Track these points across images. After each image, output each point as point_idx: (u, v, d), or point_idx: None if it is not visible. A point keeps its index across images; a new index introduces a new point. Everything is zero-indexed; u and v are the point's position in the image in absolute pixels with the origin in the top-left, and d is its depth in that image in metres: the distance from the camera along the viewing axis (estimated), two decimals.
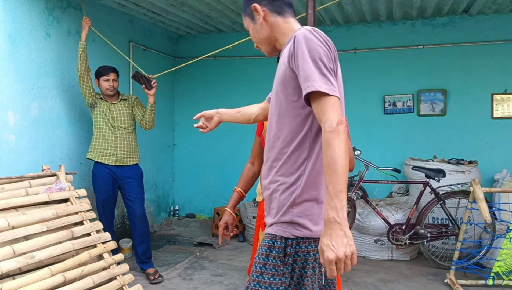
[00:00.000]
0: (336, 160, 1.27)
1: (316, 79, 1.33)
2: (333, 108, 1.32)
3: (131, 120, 3.94)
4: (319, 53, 1.37)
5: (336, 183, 1.27)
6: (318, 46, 1.39)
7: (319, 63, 1.36)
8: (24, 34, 3.53)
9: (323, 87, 1.32)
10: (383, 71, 5.48)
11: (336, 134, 1.29)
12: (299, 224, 1.43)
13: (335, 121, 1.30)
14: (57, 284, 2.55)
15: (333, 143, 1.29)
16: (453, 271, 3.75)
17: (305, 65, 1.36)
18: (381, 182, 4.49)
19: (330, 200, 1.26)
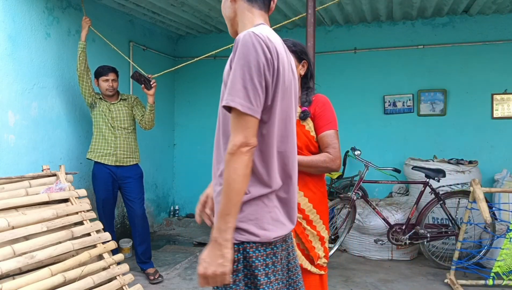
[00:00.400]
0: (229, 184, 1.27)
1: (234, 92, 1.28)
2: (242, 128, 1.27)
3: (130, 120, 3.94)
4: (249, 64, 1.29)
5: (225, 205, 1.28)
6: (252, 55, 1.29)
7: (245, 75, 1.28)
8: (24, 34, 3.53)
9: (238, 102, 1.27)
10: (383, 71, 5.48)
11: (235, 157, 1.26)
12: (243, 229, 1.36)
13: (238, 142, 1.26)
14: (57, 284, 2.55)
15: (230, 166, 1.27)
16: (453, 271, 3.75)
17: (232, 74, 1.30)
18: (381, 182, 4.49)
19: (217, 220, 1.29)
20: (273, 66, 1.33)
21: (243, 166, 1.27)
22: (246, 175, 1.28)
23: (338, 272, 4.12)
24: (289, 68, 1.45)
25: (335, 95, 5.56)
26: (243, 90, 1.27)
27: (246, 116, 1.28)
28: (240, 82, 1.28)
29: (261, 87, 1.30)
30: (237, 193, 1.28)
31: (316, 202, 2.17)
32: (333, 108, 2.18)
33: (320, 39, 5.52)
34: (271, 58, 1.32)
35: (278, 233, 1.41)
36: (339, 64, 5.63)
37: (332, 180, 5.51)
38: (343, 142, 5.50)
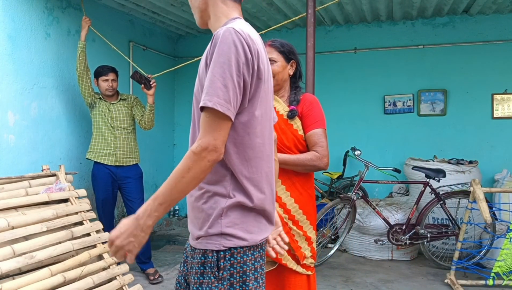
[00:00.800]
0: (177, 179, 1.20)
1: (212, 91, 1.19)
2: (214, 129, 1.19)
3: (130, 120, 3.93)
4: (230, 62, 1.20)
5: (163, 194, 1.21)
6: (232, 53, 1.21)
7: (225, 73, 1.20)
8: (24, 34, 3.53)
9: (216, 101, 1.18)
10: (383, 71, 5.48)
11: (196, 157, 1.19)
12: (230, 235, 1.30)
13: (205, 143, 1.19)
14: (57, 284, 2.55)
15: (186, 162, 1.20)
16: (453, 271, 3.74)
17: (210, 72, 1.21)
18: (381, 182, 4.49)
19: (149, 201, 1.23)
20: (253, 66, 1.26)
21: (200, 171, 1.19)
22: (198, 179, 1.21)
23: (338, 272, 4.12)
24: (268, 68, 1.39)
25: (335, 95, 5.62)
26: (223, 89, 1.19)
27: (221, 117, 1.19)
28: (220, 80, 1.19)
29: (239, 88, 1.22)
30: (179, 192, 1.21)
31: (302, 203, 2.16)
32: (321, 107, 2.20)
33: (320, 39, 5.51)
34: (251, 58, 1.25)
35: (263, 234, 1.37)
36: (339, 64, 5.63)
37: (332, 180, 5.50)
38: (343, 142, 5.56)
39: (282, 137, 2.12)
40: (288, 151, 2.11)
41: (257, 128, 1.31)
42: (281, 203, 2.12)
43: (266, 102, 1.37)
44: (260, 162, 1.35)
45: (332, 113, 5.62)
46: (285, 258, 2.10)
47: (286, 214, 2.13)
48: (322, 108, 2.21)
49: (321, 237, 4.39)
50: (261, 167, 1.36)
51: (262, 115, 1.34)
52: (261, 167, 1.36)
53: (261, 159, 1.35)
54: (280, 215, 2.10)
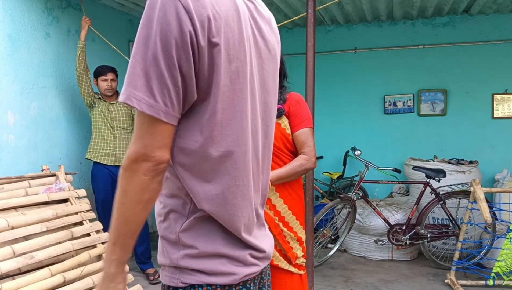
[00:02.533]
0: (118, 208, 0.92)
1: (131, 81, 0.86)
2: (143, 133, 0.88)
3: (130, 120, 3.93)
4: (156, 37, 0.84)
5: (112, 232, 0.95)
6: (161, 23, 0.84)
7: (148, 54, 0.85)
8: (24, 34, 3.53)
9: (131, 95, 0.86)
10: (383, 71, 5.47)
11: (128, 173, 0.88)
12: (191, 269, 0.98)
13: (133, 154, 0.88)
14: (57, 284, 2.54)
15: (120, 184, 0.90)
16: (454, 271, 3.74)
17: (133, 49, 0.88)
18: (381, 182, 4.49)
19: (106, 245, 1.01)
20: (197, 41, 0.86)
21: (138, 189, 0.89)
22: (141, 201, 0.90)
23: (338, 272, 4.11)
24: (248, 40, 0.97)
25: (335, 95, 5.61)
26: (143, 76, 0.85)
27: (147, 117, 0.87)
28: (140, 63, 0.85)
29: (172, 76, 0.86)
30: (125, 222, 0.92)
31: (292, 204, 2.17)
32: (307, 105, 2.19)
33: (320, 39, 5.51)
34: (193, 31, 0.85)
35: (248, 270, 1.02)
36: (339, 64, 5.62)
37: (332, 180, 5.50)
38: (343, 142, 5.56)
39: None
40: (279, 153, 2.12)
41: (215, 131, 0.93)
42: (271, 205, 2.14)
43: (240, 91, 0.95)
44: (224, 178, 0.97)
45: (332, 113, 5.63)
46: (277, 259, 2.13)
47: (277, 216, 2.14)
48: (308, 106, 2.20)
49: (321, 237, 4.39)
50: (227, 185, 0.98)
51: (227, 112, 0.94)
52: (227, 184, 0.98)
53: (225, 174, 0.97)
54: (270, 217, 2.13)
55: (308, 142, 2.10)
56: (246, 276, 1.01)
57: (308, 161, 2.08)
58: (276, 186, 2.13)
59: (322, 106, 5.31)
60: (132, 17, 5.06)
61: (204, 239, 0.99)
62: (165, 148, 0.89)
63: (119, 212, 0.92)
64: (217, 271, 0.98)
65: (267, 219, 2.13)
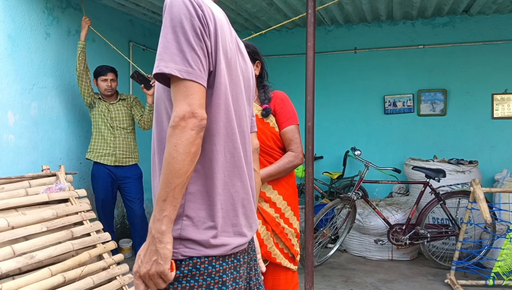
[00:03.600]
0: (168, 163, 1.03)
1: (167, 57, 1.06)
2: (184, 96, 1.05)
3: (130, 120, 3.93)
4: (182, 23, 1.07)
5: (162, 189, 1.04)
6: (182, 13, 1.08)
7: (179, 36, 1.07)
8: (24, 34, 3.53)
9: (173, 67, 1.05)
10: (383, 71, 5.48)
11: (178, 130, 1.03)
12: (191, 239, 1.09)
13: (181, 112, 1.03)
14: (57, 284, 2.55)
15: (170, 141, 1.03)
16: (453, 271, 3.74)
17: (162, 38, 1.09)
18: (381, 182, 4.49)
19: (154, 206, 1.07)
20: (209, 30, 1.11)
21: (187, 143, 1.03)
22: (190, 154, 1.03)
23: (338, 272, 4.12)
24: (233, 43, 1.23)
25: (335, 95, 5.62)
26: (179, 54, 1.06)
27: (186, 82, 1.05)
28: (175, 45, 1.06)
29: (201, 49, 1.08)
30: (176, 175, 1.03)
31: (289, 198, 2.23)
32: (291, 102, 2.26)
33: (320, 39, 5.52)
34: (206, 21, 1.10)
35: (238, 241, 1.16)
36: (339, 64, 5.63)
37: (332, 180, 5.50)
38: (343, 142, 5.56)
39: (262, 137, 2.17)
40: (271, 151, 2.18)
41: (221, 100, 1.15)
42: (271, 203, 2.17)
43: (234, 78, 1.19)
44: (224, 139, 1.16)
45: (332, 113, 5.64)
46: (279, 257, 2.15)
47: (277, 213, 2.17)
48: (292, 103, 2.27)
49: (321, 237, 4.39)
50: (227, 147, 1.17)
51: (229, 86, 1.17)
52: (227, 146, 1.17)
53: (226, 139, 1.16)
54: (271, 216, 2.15)
55: (294, 139, 2.18)
56: (235, 247, 1.15)
57: (296, 157, 2.17)
58: (273, 184, 2.18)
59: (322, 106, 5.32)
60: (132, 17, 5.06)
61: (204, 212, 1.11)
62: (203, 106, 1.07)
63: (170, 166, 1.03)
64: (213, 243, 1.10)
65: (268, 218, 2.14)
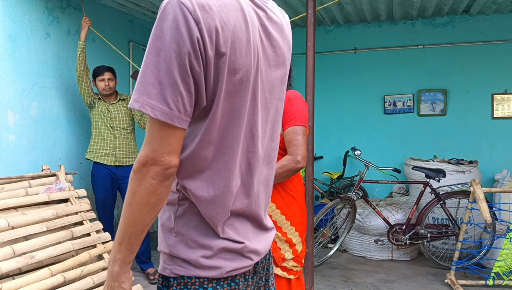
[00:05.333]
0: (125, 209, 0.95)
1: (142, 88, 0.89)
2: (153, 138, 0.90)
3: (129, 120, 3.93)
4: (167, 47, 0.88)
5: (119, 232, 0.98)
6: (171, 33, 0.88)
7: (161, 63, 0.88)
8: (24, 34, 3.53)
9: (145, 103, 0.88)
10: (383, 71, 5.48)
11: (138, 177, 0.91)
12: (181, 258, 1.02)
13: (143, 158, 0.90)
14: (57, 284, 2.55)
15: (130, 186, 0.94)
16: (453, 271, 3.74)
17: (144, 59, 0.90)
18: (381, 182, 4.49)
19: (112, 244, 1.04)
20: (205, 51, 0.89)
21: (146, 192, 0.91)
22: (148, 204, 0.92)
23: (338, 272, 4.12)
24: (255, 48, 0.99)
25: (335, 95, 5.62)
26: (157, 85, 0.88)
27: (158, 123, 0.89)
28: (154, 72, 0.88)
29: (185, 83, 0.89)
30: (131, 224, 0.95)
31: (281, 203, 2.03)
32: (301, 102, 2.02)
33: (320, 39, 5.52)
34: (202, 41, 0.88)
35: (234, 264, 1.04)
36: (339, 64, 5.63)
37: (332, 180, 5.50)
38: (343, 142, 5.56)
39: None
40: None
41: (213, 134, 0.97)
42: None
43: (241, 99, 0.98)
44: (216, 178, 1.00)
45: (332, 113, 5.64)
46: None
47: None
48: (302, 103, 2.03)
49: (321, 237, 4.39)
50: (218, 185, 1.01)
51: (226, 116, 0.98)
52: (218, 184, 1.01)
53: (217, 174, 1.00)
54: None
55: (294, 141, 1.95)
56: (233, 270, 1.03)
57: (291, 161, 1.93)
58: None
59: (322, 106, 5.32)
60: (132, 17, 5.07)
61: (194, 230, 1.02)
62: (174, 153, 0.92)
63: (126, 213, 0.95)
64: (204, 264, 1.00)
65: None
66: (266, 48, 1.04)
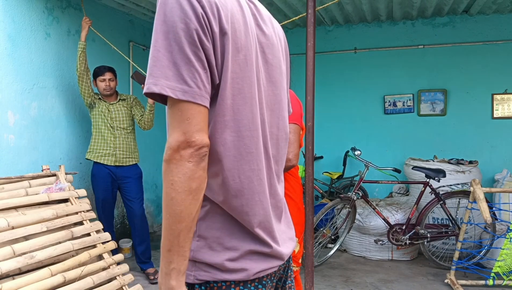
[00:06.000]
0: (168, 205, 0.88)
1: (157, 72, 0.87)
2: (178, 122, 0.88)
3: (130, 120, 3.93)
4: (175, 27, 0.87)
5: (165, 238, 0.91)
6: (176, 14, 0.88)
7: (171, 44, 0.87)
8: (24, 34, 3.53)
9: (164, 85, 0.86)
10: (383, 71, 5.48)
11: (173, 165, 0.87)
12: (206, 263, 0.97)
13: (174, 143, 0.87)
14: (57, 284, 2.55)
15: (166, 179, 0.88)
16: (454, 271, 3.74)
17: (152, 46, 0.90)
18: (381, 182, 4.49)
19: (161, 257, 0.95)
20: (211, 31, 0.90)
21: (185, 178, 0.86)
22: (191, 191, 0.87)
23: (338, 272, 4.12)
24: (252, 32, 1.01)
25: (335, 95, 5.62)
26: (172, 66, 0.87)
27: (181, 104, 0.87)
28: (166, 56, 0.87)
29: (199, 60, 0.88)
30: (178, 220, 0.88)
31: None
32: (293, 100, 1.98)
33: (320, 39, 5.52)
34: (206, 17, 0.89)
35: (261, 265, 1.01)
36: (339, 64, 5.63)
37: (332, 180, 5.50)
38: (343, 142, 5.56)
39: None
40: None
41: (227, 116, 0.95)
42: None
43: (249, 78, 0.97)
44: (238, 163, 0.98)
45: (332, 113, 5.64)
46: None
47: None
48: (295, 101, 2.00)
49: (321, 237, 4.39)
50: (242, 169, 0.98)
51: (237, 98, 0.96)
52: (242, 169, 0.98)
53: (239, 159, 0.98)
54: None
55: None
56: (260, 272, 1.00)
57: None
58: None
59: (322, 106, 5.32)
60: (132, 17, 5.07)
61: (218, 232, 0.98)
62: (203, 131, 0.89)
63: (169, 209, 0.88)
64: (230, 267, 0.97)
65: None
66: (259, 36, 1.05)
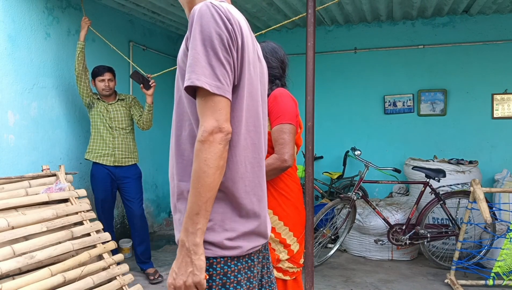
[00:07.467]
0: (199, 177, 1.08)
1: (198, 70, 1.10)
2: (212, 111, 1.10)
3: (129, 120, 3.93)
4: (211, 36, 1.11)
5: (194, 203, 1.09)
6: (212, 26, 1.11)
7: (208, 50, 1.11)
8: (24, 34, 3.53)
9: (204, 81, 1.09)
10: (383, 71, 5.48)
11: (207, 145, 1.08)
12: (208, 241, 1.15)
13: (209, 128, 1.09)
14: (57, 284, 2.55)
15: (199, 156, 1.09)
16: (454, 271, 3.74)
17: (192, 50, 1.12)
18: (381, 182, 4.49)
19: (184, 220, 1.11)
20: (237, 41, 1.16)
21: (216, 157, 1.08)
22: (219, 167, 1.09)
23: (338, 272, 4.12)
24: (254, 51, 1.27)
25: (335, 95, 5.62)
26: (209, 67, 1.10)
27: (215, 97, 1.10)
28: (204, 58, 1.10)
29: (228, 63, 1.13)
30: (208, 189, 1.09)
31: (273, 203, 2.02)
32: (286, 100, 2.02)
33: (320, 39, 5.52)
34: (234, 32, 1.15)
35: (252, 243, 1.23)
36: (339, 64, 5.63)
37: (332, 180, 5.50)
38: (343, 142, 5.56)
39: None
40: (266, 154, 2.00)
41: (243, 112, 1.20)
42: None
43: (255, 87, 1.25)
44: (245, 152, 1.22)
45: (332, 113, 5.64)
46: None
47: None
48: (290, 101, 2.02)
49: (321, 237, 4.39)
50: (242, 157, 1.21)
51: (248, 99, 1.22)
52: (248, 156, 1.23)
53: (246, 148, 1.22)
54: None
55: (279, 140, 1.94)
56: (250, 249, 1.21)
57: (277, 160, 1.93)
58: None
59: (322, 106, 5.32)
60: (132, 17, 5.06)
61: (220, 215, 1.17)
62: (229, 121, 1.13)
63: (202, 181, 1.08)
64: (228, 245, 1.16)
65: None
66: (255, 56, 1.30)
